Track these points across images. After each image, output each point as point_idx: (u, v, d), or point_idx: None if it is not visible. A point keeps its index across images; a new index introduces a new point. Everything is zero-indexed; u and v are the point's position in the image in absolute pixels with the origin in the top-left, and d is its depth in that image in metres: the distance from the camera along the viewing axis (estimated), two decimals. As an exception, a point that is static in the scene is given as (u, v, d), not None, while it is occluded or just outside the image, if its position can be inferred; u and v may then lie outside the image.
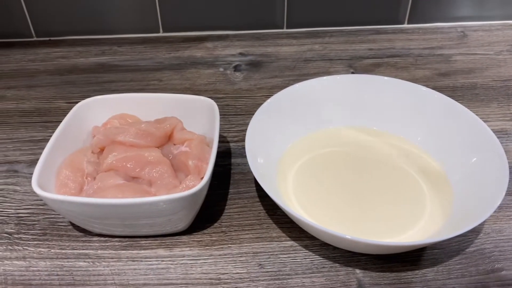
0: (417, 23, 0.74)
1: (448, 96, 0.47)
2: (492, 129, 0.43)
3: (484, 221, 0.42)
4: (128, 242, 0.41)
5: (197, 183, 0.36)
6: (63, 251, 0.40)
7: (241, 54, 0.68)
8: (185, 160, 0.40)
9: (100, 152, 0.42)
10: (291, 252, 0.40)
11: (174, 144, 0.42)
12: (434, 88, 0.48)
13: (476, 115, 0.44)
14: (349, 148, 0.47)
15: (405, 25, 0.74)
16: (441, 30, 0.73)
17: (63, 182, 0.39)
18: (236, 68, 0.65)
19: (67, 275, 0.38)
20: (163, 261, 0.39)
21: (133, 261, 0.39)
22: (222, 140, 0.52)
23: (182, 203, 0.35)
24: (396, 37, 0.71)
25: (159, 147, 0.42)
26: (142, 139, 0.41)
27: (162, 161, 0.40)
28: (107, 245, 0.40)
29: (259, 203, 0.44)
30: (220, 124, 0.53)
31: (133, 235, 0.41)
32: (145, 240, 0.41)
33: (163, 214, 0.37)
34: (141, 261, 0.39)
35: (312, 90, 0.48)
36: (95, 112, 0.46)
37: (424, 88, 0.47)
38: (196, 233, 0.41)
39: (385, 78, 0.48)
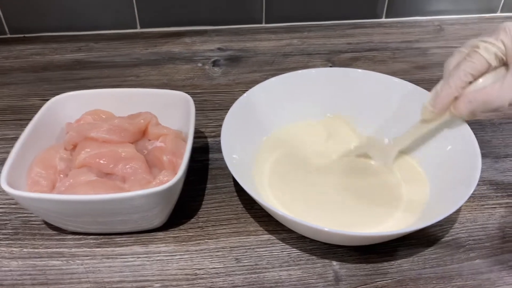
0: (395, 17, 0.74)
1: (425, 89, 0.47)
2: (466, 121, 0.43)
3: (459, 211, 0.42)
4: (103, 240, 0.40)
5: (171, 179, 0.36)
6: (36, 250, 0.39)
7: (219, 49, 0.67)
8: (159, 156, 0.39)
9: (73, 149, 0.41)
10: (268, 245, 0.39)
11: (149, 140, 0.42)
12: (411, 81, 0.49)
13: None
14: (325, 141, 0.47)
15: (383, 19, 0.74)
16: (418, 24, 0.74)
17: (34, 180, 0.38)
18: (215, 63, 0.64)
19: (40, 275, 0.37)
20: (138, 257, 0.39)
21: (108, 258, 0.38)
22: (200, 135, 0.51)
23: (155, 198, 0.35)
24: (374, 31, 0.72)
25: (133, 143, 0.42)
26: (115, 134, 0.40)
27: (135, 157, 0.39)
28: (82, 243, 0.40)
29: (237, 198, 0.44)
30: (198, 120, 0.54)
31: (108, 232, 0.40)
32: (121, 237, 0.40)
33: (137, 210, 0.36)
34: (116, 258, 0.38)
35: (288, 84, 0.48)
36: (68, 109, 0.45)
37: (396, 79, 0.47)
38: (172, 229, 0.41)
39: (359, 70, 0.48)
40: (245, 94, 0.46)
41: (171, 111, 0.46)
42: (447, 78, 0.39)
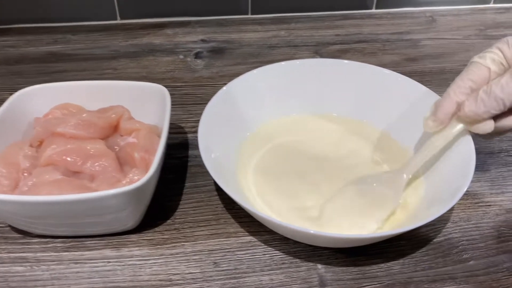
0: (386, 8, 0.72)
1: (417, 81, 0.45)
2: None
3: (452, 209, 0.40)
4: (72, 243, 0.37)
5: (143, 177, 0.33)
6: (-2, 255, 0.36)
7: (203, 40, 0.65)
8: (131, 152, 0.36)
9: (40, 146, 0.38)
10: (249, 248, 0.37)
11: (121, 136, 0.39)
12: (402, 73, 0.46)
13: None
14: (312, 136, 0.45)
15: (373, 10, 0.72)
16: (409, 15, 0.71)
17: (-6, 179, 0.35)
18: (197, 55, 0.61)
19: (1, 282, 0.34)
20: (109, 262, 0.36)
21: (76, 263, 0.36)
22: (179, 131, 0.49)
23: (125, 199, 0.32)
24: (364, 23, 0.69)
25: (104, 139, 0.39)
26: (83, 130, 0.37)
27: (105, 154, 0.36)
28: (48, 247, 0.37)
29: (217, 197, 0.41)
30: (178, 114, 0.51)
31: (77, 235, 0.37)
32: (91, 240, 0.37)
33: (107, 212, 0.34)
34: (85, 263, 0.36)
35: (271, 76, 0.45)
36: (37, 102, 0.42)
37: (386, 71, 0.45)
38: (146, 231, 0.38)
39: (345, 61, 0.46)
40: (224, 88, 0.43)
41: (147, 104, 0.43)
42: (456, 80, 0.36)
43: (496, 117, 0.35)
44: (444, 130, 0.37)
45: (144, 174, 0.34)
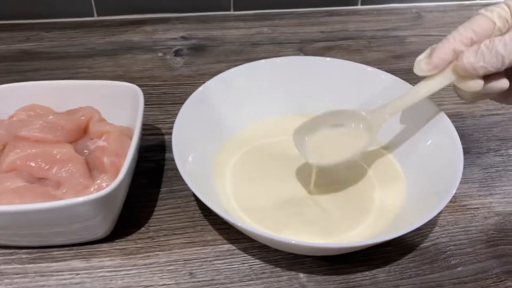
0: (371, 4, 0.70)
1: (403, 79, 0.43)
2: (447, 113, 0.39)
3: (440, 213, 0.38)
4: (38, 254, 0.35)
5: (111, 183, 0.31)
6: (-42, 268, 0.34)
7: (183, 37, 0.62)
8: (100, 157, 0.34)
9: (3, 150, 0.36)
10: (228, 257, 0.35)
11: (91, 139, 0.37)
12: (387, 70, 0.44)
13: (430, 98, 0.41)
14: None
15: (359, 7, 0.70)
16: (395, 11, 0.70)
17: (-49, 187, 0.32)
18: (177, 53, 0.59)
19: (-41, 298, 0.32)
20: (78, 274, 0.34)
21: (42, 276, 0.33)
22: (156, 132, 0.46)
23: (92, 207, 0.30)
24: (349, 19, 0.67)
25: (73, 142, 0.36)
26: (49, 133, 0.35)
27: (73, 159, 0.34)
28: (12, 259, 0.34)
29: (194, 203, 0.39)
30: (155, 115, 0.49)
31: (44, 245, 0.35)
32: (59, 251, 0.35)
33: (74, 221, 0.31)
34: (52, 275, 0.33)
35: (249, 75, 0.43)
36: (2, 104, 0.40)
37: (370, 68, 0.43)
38: (118, 240, 0.36)
39: (327, 59, 0.44)
40: (200, 88, 0.41)
41: (120, 105, 0.40)
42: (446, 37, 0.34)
43: (486, 77, 0.33)
44: (433, 78, 0.35)
45: (113, 180, 0.32)
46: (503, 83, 0.33)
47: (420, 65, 0.35)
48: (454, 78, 0.34)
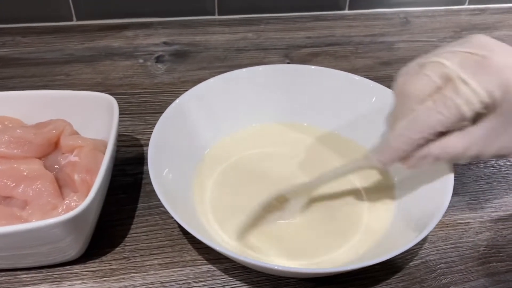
0: (359, 9, 0.69)
1: (390, 86, 0.42)
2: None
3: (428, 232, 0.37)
4: (4, 278, 0.33)
5: (81, 203, 0.29)
6: None
7: (165, 43, 0.60)
8: (71, 174, 0.32)
9: (-33, 166, 0.34)
10: (208, 278, 0.33)
11: (62, 153, 0.35)
12: (375, 78, 0.43)
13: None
14: (278, 149, 0.41)
15: (346, 11, 0.69)
16: (383, 16, 0.68)
17: None
18: (158, 59, 0.57)
19: None
20: (47, 299, 0.31)
21: (8, 302, 0.31)
22: (135, 143, 0.44)
23: (60, 229, 0.28)
24: (336, 24, 0.66)
25: (42, 158, 0.34)
26: (16, 148, 0.33)
27: (42, 176, 0.32)
28: (-24, 283, 0.32)
29: (173, 220, 0.37)
30: (135, 125, 0.47)
31: (11, 267, 0.33)
32: (27, 273, 0.33)
33: (41, 243, 0.29)
34: (19, 301, 0.31)
35: (230, 85, 0.41)
36: (-32, 115, 0.38)
37: (357, 77, 0.41)
38: (91, 261, 0.34)
39: (312, 67, 0.42)
40: (177, 100, 0.39)
41: (96, 116, 0.38)
42: (407, 120, 0.30)
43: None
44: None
45: (84, 199, 0.30)
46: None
47: (374, 164, 0.33)
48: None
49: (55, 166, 0.34)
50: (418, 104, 0.29)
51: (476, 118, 0.29)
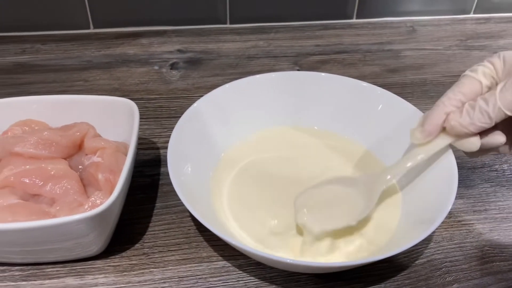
0: (366, 17, 0.71)
1: (397, 93, 0.43)
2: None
3: (434, 229, 0.38)
4: (31, 271, 0.34)
5: (106, 200, 0.31)
6: (-51, 286, 0.33)
7: (179, 51, 0.62)
8: (94, 173, 0.34)
9: (-3, 166, 0.36)
10: (223, 274, 0.35)
11: (86, 154, 0.37)
12: (382, 85, 0.45)
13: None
14: (290, 153, 0.43)
15: (354, 20, 0.71)
16: (390, 25, 0.70)
17: None
18: (173, 66, 0.59)
19: (-50, 317, 0.32)
20: (71, 292, 0.33)
21: (35, 294, 0.33)
22: (152, 146, 0.46)
23: (86, 225, 0.30)
24: (344, 33, 0.68)
25: (67, 158, 0.36)
26: (44, 149, 0.35)
27: (67, 175, 0.34)
28: (5, 276, 0.34)
29: (189, 218, 0.39)
30: (151, 128, 0.49)
31: (37, 262, 0.35)
32: (52, 267, 0.35)
33: (67, 238, 0.31)
34: (45, 293, 0.33)
35: (245, 90, 0.43)
36: (-3, 118, 0.40)
37: (365, 84, 0.43)
38: (113, 257, 0.35)
39: (322, 74, 0.44)
40: (195, 104, 0.41)
41: (116, 120, 0.40)
42: (449, 91, 0.35)
43: (482, 134, 0.34)
44: (430, 143, 0.35)
45: (108, 197, 0.32)
46: (499, 138, 0.33)
47: (415, 134, 0.35)
48: (451, 139, 0.35)
49: (79, 167, 0.36)
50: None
51: None
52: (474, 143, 0.33)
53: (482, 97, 0.32)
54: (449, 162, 0.36)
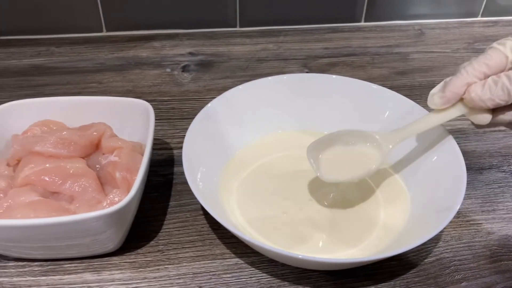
0: (374, 21, 0.72)
1: (405, 95, 0.44)
2: (449, 129, 0.40)
3: (443, 228, 0.39)
4: (50, 266, 0.36)
5: (124, 198, 0.32)
6: (-28, 280, 0.35)
7: (190, 53, 0.64)
8: (112, 172, 0.35)
9: (17, 165, 0.37)
10: (236, 270, 0.35)
11: (103, 154, 0.38)
12: (391, 87, 0.45)
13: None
14: (300, 154, 0.43)
15: (362, 23, 0.72)
16: (398, 28, 0.71)
17: (-32, 200, 0.33)
18: (185, 69, 0.60)
19: (-26, 309, 0.33)
20: (89, 287, 0.34)
21: (54, 288, 0.34)
22: (165, 146, 0.47)
23: (105, 221, 0.31)
24: (353, 36, 0.69)
25: (85, 157, 0.37)
26: (63, 148, 0.36)
27: (86, 173, 0.35)
28: (25, 271, 0.35)
29: (202, 217, 0.40)
30: (164, 129, 0.50)
31: (56, 257, 0.36)
32: (70, 263, 0.36)
33: (86, 234, 0.32)
34: (64, 288, 0.34)
35: (257, 92, 0.44)
36: (16, 119, 0.41)
37: (375, 86, 0.44)
38: (129, 253, 0.37)
39: (333, 76, 0.45)
40: (209, 104, 0.42)
41: (131, 121, 0.42)
42: (472, 61, 0.34)
43: (495, 109, 0.34)
44: (444, 111, 0.36)
45: (125, 195, 0.33)
46: (510, 116, 0.34)
47: (434, 98, 0.35)
48: (465, 110, 0.35)
49: (96, 165, 0.37)
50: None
51: None
52: (486, 118, 0.34)
53: (506, 74, 0.32)
54: (458, 163, 0.37)
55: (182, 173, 0.43)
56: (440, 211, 0.34)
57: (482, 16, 0.74)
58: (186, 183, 0.42)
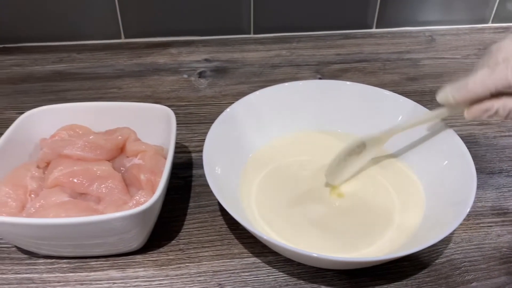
0: (386, 27, 0.73)
1: (416, 101, 0.46)
2: (460, 134, 0.41)
3: (454, 230, 0.40)
4: (77, 264, 0.37)
5: (149, 199, 0.33)
6: (5, 276, 0.36)
7: (206, 60, 0.66)
8: (137, 174, 0.37)
9: (47, 167, 0.39)
10: (253, 269, 0.37)
11: (127, 157, 0.40)
12: (402, 93, 0.47)
13: (445, 122, 0.43)
14: (316, 156, 0.45)
15: (374, 30, 0.73)
16: (409, 34, 0.72)
17: (2, 201, 0.35)
18: (201, 75, 0.62)
19: (7, 303, 0.35)
20: (114, 283, 0.36)
21: (82, 284, 0.36)
22: (184, 150, 0.49)
23: (131, 221, 0.33)
24: (364, 42, 0.70)
25: (111, 160, 0.39)
26: (90, 152, 0.38)
27: (112, 176, 0.37)
28: (54, 268, 0.37)
29: (221, 217, 0.41)
30: (182, 133, 0.52)
31: (83, 255, 0.38)
32: (96, 261, 0.38)
33: (112, 233, 0.34)
34: (91, 284, 0.36)
35: (274, 97, 0.46)
36: (44, 123, 0.43)
37: (387, 92, 0.45)
38: (151, 252, 0.38)
39: (348, 82, 0.46)
40: (228, 109, 0.44)
41: (153, 125, 0.43)
42: (488, 71, 0.34)
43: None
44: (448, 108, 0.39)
45: (150, 196, 0.35)
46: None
47: (447, 97, 0.37)
48: (466, 115, 0.37)
49: (121, 168, 0.39)
50: (504, 61, 0.34)
51: None
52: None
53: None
54: (468, 167, 0.38)
55: (201, 176, 0.46)
56: (451, 214, 0.35)
57: (492, 22, 0.75)
58: (204, 185, 0.44)
